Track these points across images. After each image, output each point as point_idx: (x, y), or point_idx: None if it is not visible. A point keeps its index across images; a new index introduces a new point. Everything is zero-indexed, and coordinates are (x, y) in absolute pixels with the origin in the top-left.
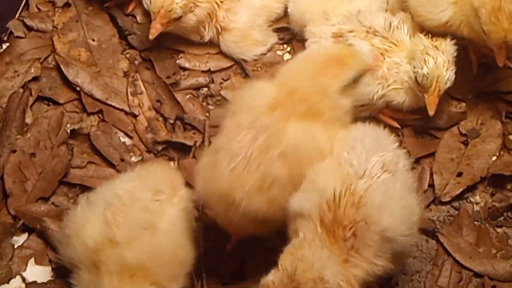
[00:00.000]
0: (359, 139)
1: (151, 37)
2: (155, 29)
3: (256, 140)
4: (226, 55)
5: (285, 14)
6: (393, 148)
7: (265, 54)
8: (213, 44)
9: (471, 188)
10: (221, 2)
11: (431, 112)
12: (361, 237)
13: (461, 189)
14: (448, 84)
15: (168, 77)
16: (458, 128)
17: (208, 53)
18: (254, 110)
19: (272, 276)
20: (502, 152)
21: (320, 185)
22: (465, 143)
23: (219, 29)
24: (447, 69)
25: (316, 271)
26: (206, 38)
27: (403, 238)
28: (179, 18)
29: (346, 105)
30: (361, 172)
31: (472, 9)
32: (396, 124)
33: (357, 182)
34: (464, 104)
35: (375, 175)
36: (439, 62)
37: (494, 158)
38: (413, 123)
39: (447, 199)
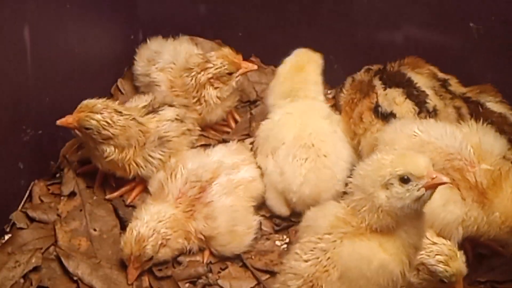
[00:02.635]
0: None
1: (130, 281)
2: (132, 275)
3: (319, 262)
4: None
5: None
6: None
7: (256, 241)
8: None
9: None
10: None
11: None
12: None
13: None
14: None
15: (166, 268)
16: None
17: None
18: (318, 233)
19: None
20: None
21: None
22: None
23: (203, 238)
24: None
25: None
26: (193, 249)
27: None
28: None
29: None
30: None
31: (498, 223)
32: None
33: None
34: None
35: None
36: None
37: None
38: None
39: None
